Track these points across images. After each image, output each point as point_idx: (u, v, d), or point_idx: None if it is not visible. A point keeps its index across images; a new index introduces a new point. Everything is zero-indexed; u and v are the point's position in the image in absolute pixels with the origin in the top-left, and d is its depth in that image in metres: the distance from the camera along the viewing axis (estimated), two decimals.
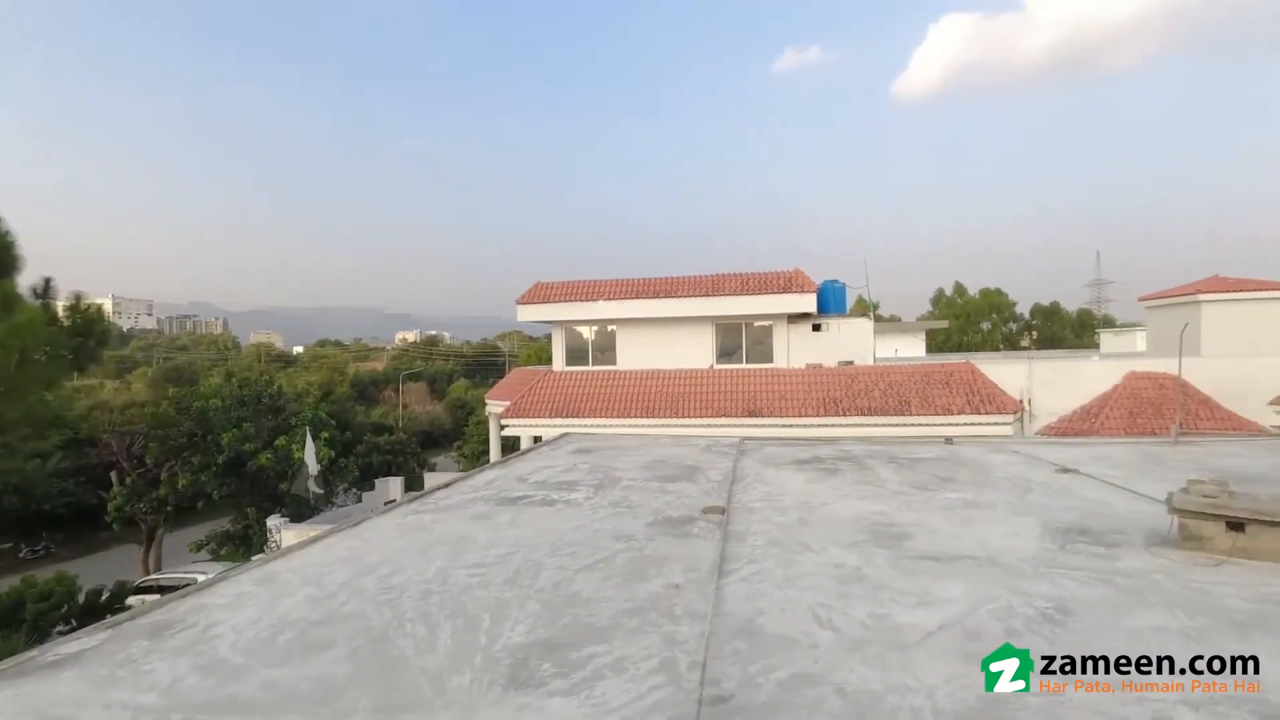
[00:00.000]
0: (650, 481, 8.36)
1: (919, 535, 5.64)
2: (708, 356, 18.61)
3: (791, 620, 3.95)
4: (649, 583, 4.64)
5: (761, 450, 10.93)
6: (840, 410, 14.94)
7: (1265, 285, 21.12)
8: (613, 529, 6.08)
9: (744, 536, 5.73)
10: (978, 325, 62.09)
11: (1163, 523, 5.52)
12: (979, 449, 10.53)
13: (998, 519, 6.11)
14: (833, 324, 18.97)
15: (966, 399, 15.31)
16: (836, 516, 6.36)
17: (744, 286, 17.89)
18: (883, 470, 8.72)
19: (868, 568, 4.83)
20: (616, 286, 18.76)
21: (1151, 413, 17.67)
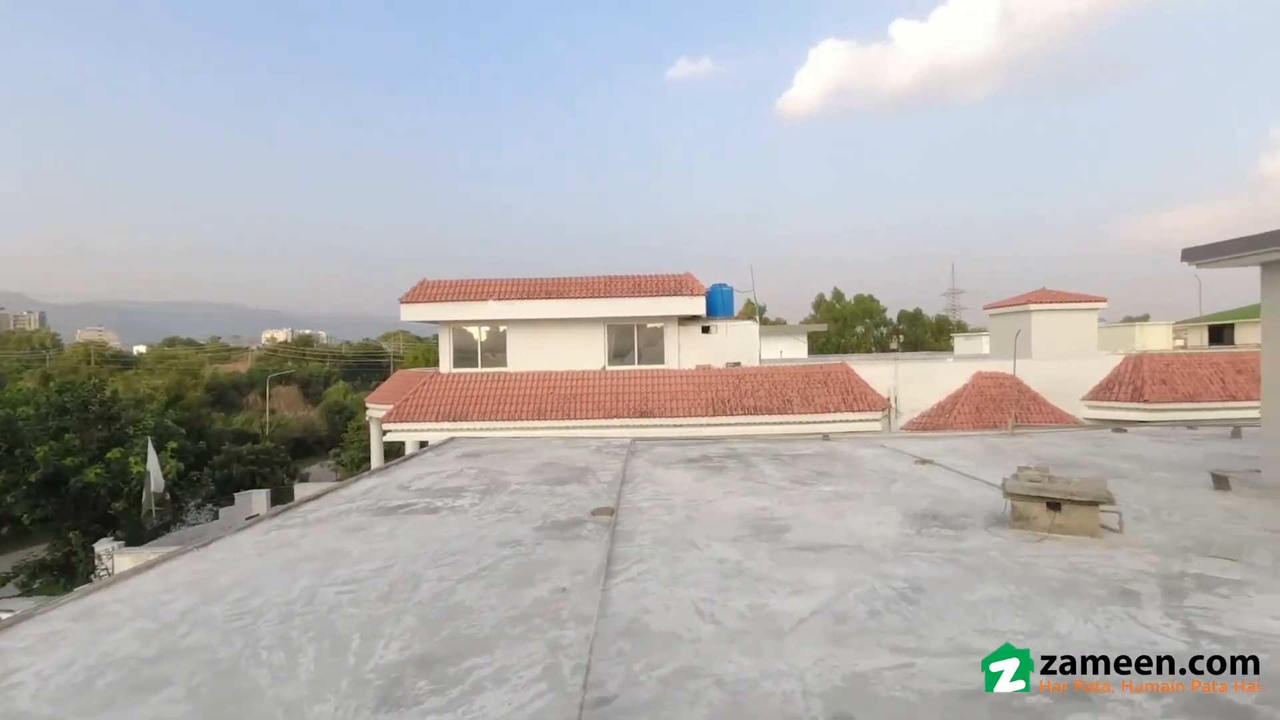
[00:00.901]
0: (540, 485, 8.22)
1: (797, 527, 5.96)
2: (600, 358, 18.67)
3: (676, 617, 4.03)
4: (535, 588, 4.54)
5: (652, 450, 11.10)
6: (728, 410, 15.57)
7: (1081, 298, 24.64)
8: (499, 535, 5.90)
9: (632, 536, 5.77)
10: (853, 328, 67.33)
11: (999, 505, 6.23)
12: (852, 444, 11.35)
13: (865, 509, 6.60)
14: (721, 326, 19.74)
15: (842, 398, 16.52)
16: (722, 513, 6.58)
17: (636, 289, 18.14)
18: (766, 467, 9.15)
19: (749, 561, 5.03)
20: (507, 286, 18.32)
21: (994, 408, 19.99)
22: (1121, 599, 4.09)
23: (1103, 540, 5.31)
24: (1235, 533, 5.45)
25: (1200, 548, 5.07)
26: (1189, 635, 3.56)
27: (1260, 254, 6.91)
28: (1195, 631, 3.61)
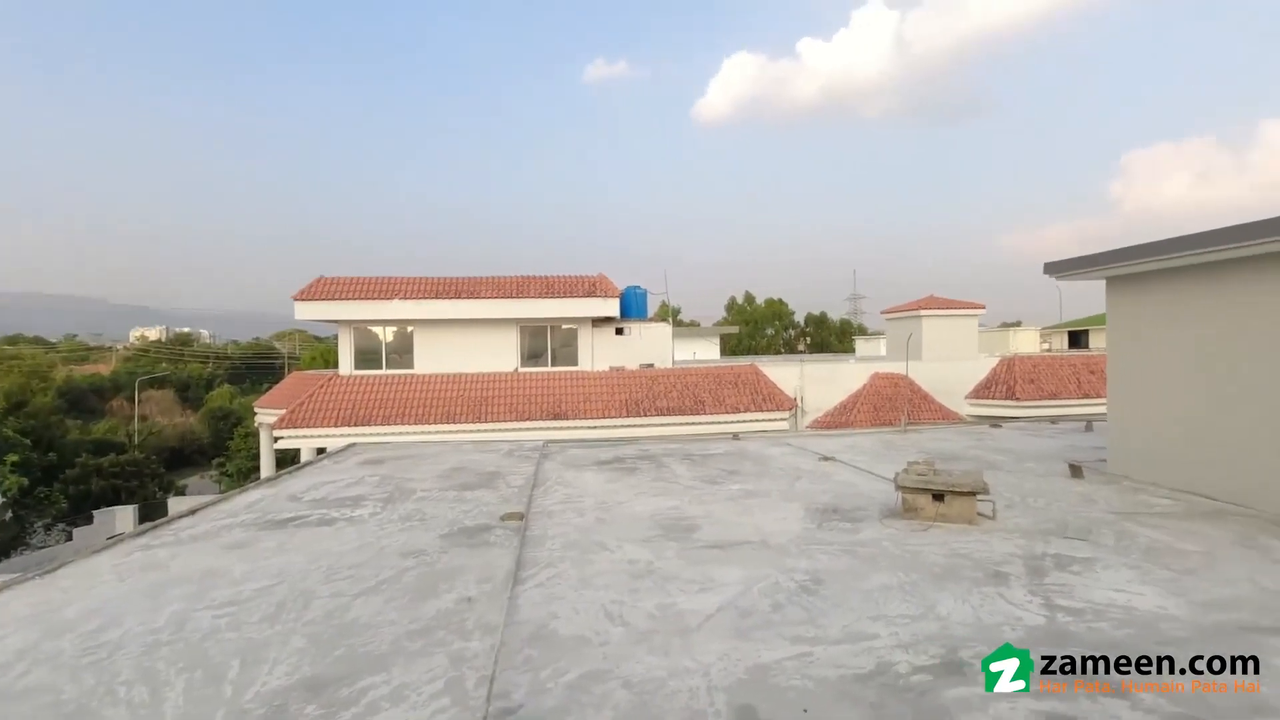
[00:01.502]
0: (447, 490, 7.92)
1: (706, 526, 6.08)
2: (512, 359, 18.29)
3: (585, 620, 3.99)
4: (439, 599, 4.35)
5: (565, 453, 11.00)
6: (642, 411, 15.71)
7: (964, 305, 26.91)
8: (402, 545, 5.62)
9: (543, 541, 5.67)
10: (764, 331, 69.93)
11: (893, 498, 6.65)
12: (761, 443, 11.75)
13: (772, 505, 6.84)
14: (635, 328, 19.88)
15: (751, 398, 17.10)
16: (633, 514, 6.60)
17: (549, 290, 17.91)
18: (678, 467, 9.30)
19: (659, 561, 5.08)
20: (414, 285, 17.53)
21: (889, 406, 21.39)
22: (994, 580, 4.46)
23: (979, 527, 5.79)
24: (1086, 515, 6.11)
25: (1058, 530, 5.64)
26: (1048, 610, 3.94)
27: (1103, 270, 7.82)
28: (1053, 606, 4.00)
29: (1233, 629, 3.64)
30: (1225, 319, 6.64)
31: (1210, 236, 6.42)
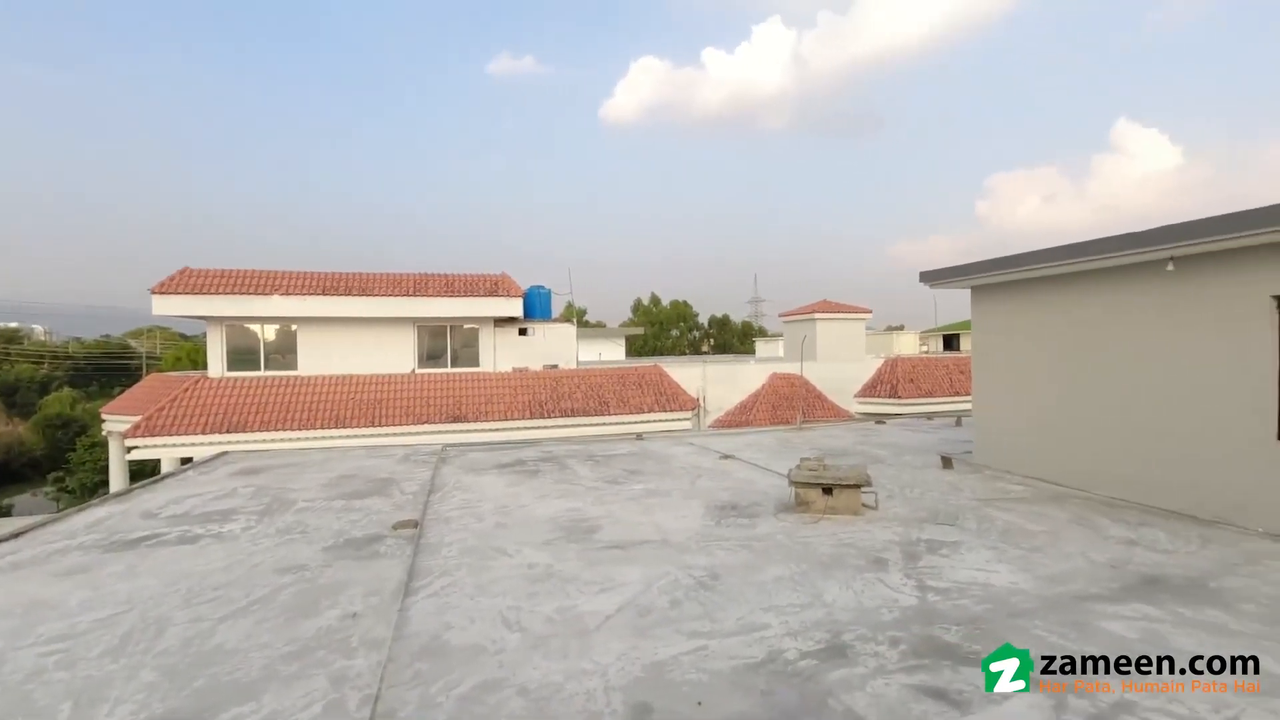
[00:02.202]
0: (334, 500, 7.40)
1: (608, 526, 6.07)
2: (409, 360, 17.44)
3: (480, 629, 3.85)
4: (320, 617, 4.04)
5: (464, 456, 10.62)
6: (545, 412, 15.48)
7: (853, 309, 28.85)
8: (278, 560, 5.17)
9: (438, 549, 5.43)
10: (669, 332, 71.35)
11: (787, 493, 6.96)
12: (664, 442, 11.93)
13: (673, 504, 6.95)
14: (539, 328, 19.58)
15: (655, 398, 17.35)
16: (534, 517, 6.47)
17: (449, 288, 17.23)
18: (581, 468, 9.24)
19: (559, 564, 5.00)
20: (298, 280, 16.18)
21: (786, 405, 22.46)
22: (875, 566, 4.78)
23: (864, 517, 6.18)
24: (954, 503, 6.70)
25: (931, 517, 6.13)
26: (920, 591, 4.27)
27: (967, 280, 8.63)
28: (924, 587, 4.33)
29: (1069, 599, 4.11)
30: (1063, 326, 7.51)
31: (1051, 253, 7.25)
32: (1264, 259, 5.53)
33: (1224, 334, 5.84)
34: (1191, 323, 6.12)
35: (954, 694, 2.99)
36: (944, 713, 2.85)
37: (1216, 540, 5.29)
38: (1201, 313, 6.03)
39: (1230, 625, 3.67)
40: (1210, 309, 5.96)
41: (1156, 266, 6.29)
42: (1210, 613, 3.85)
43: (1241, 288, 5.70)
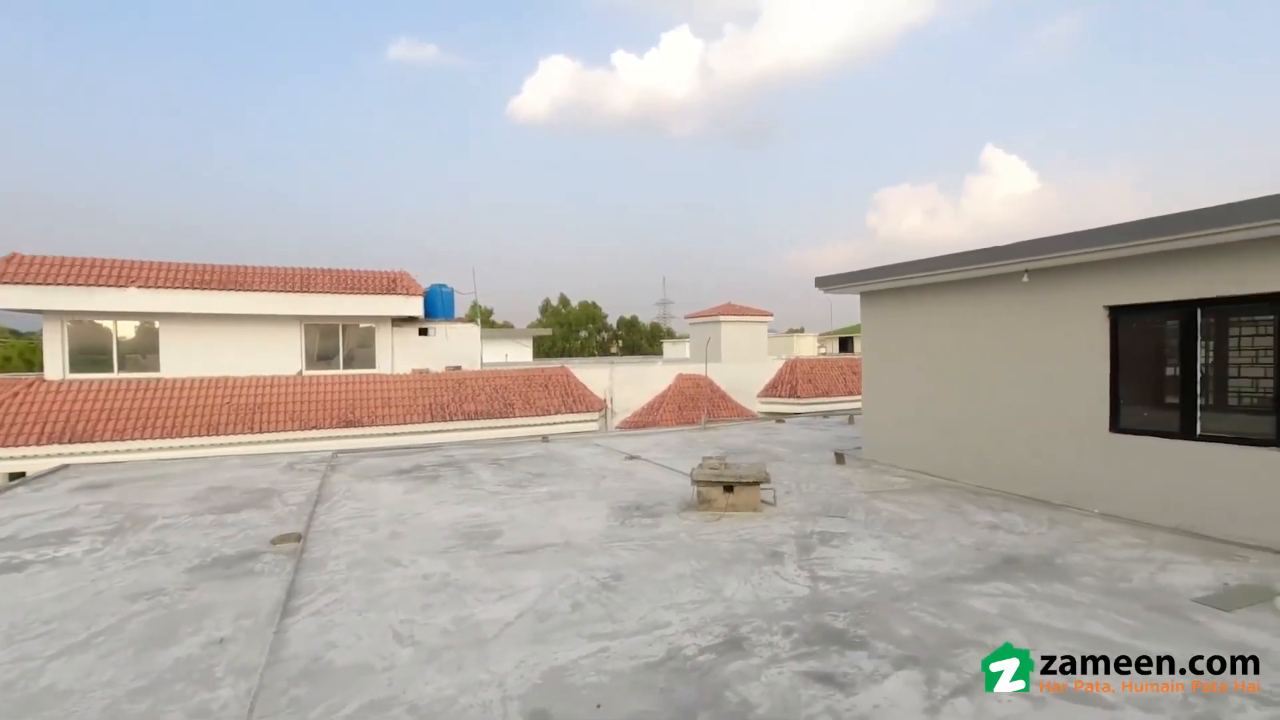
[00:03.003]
0: (202, 515, 6.71)
1: (509, 531, 5.91)
2: (295, 361, 16.15)
3: (369, 645, 3.61)
4: (179, 646, 3.63)
5: (358, 463, 10.00)
6: (447, 415, 14.89)
7: (757, 312, 30.06)
8: (129, 586, 4.61)
9: (323, 563, 5.05)
10: (577, 333, 71.05)
11: (690, 492, 7.09)
12: (569, 444, 11.82)
13: (577, 506, 6.88)
14: (441, 329, 18.78)
15: (562, 400, 17.17)
16: (433, 524, 6.19)
17: (341, 284, 16.11)
18: (483, 472, 8.95)
19: (456, 572, 4.80)
20: (161, 271, 14.44)
21: (692, 405, 22.97)
22: (772, 560, 4.95)
23: (763, 513, 6.41)
24: (845, 496, 7.10)
25: (824, 511, 6.46)
26: (812, 581, 4.47)
27: (856, 286, 9.21)
28: (816, 577, 4.55)
29: (941, 581, 4.46)
30: (937, 330, 8.18)
31: (926, 263, 7.88)
32: (1099, 273, 6.29)
33: (1068, 339, 6.59)
34: (1042, 328, 6.85)
35: (840, 677, 3.14)
36: (830, 695, 2.98)
37: (1062, 522, 5.94)
38: (1050, 319, 6.77)
39: (1073, 596, 4.13)
40: (1057, 316, 6.70)
41: (1014, 278, 6.99)
42: (1057, 586, 4.31)
43: (1081, 298, 6.45)
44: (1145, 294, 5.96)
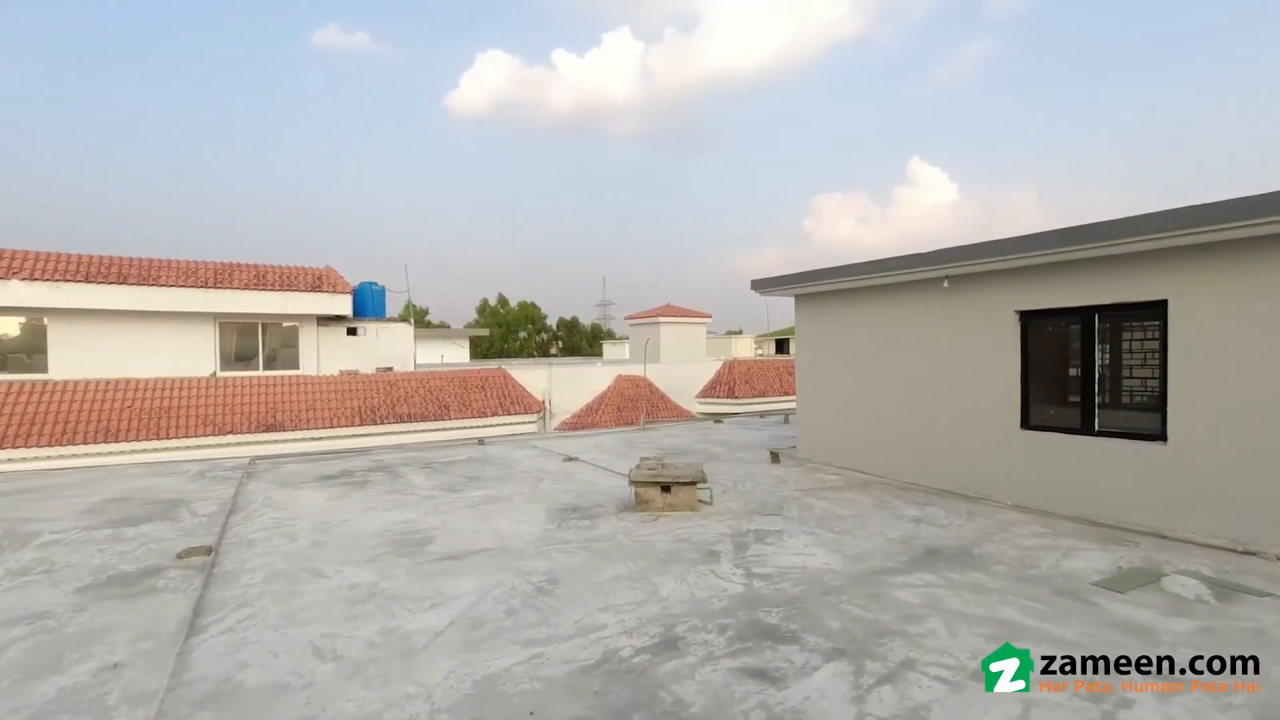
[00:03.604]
0: (96, 529, 6.15)
1: (442, 537, 5.72)
2: (209, 362, 15.07)
3: (285, 663, 3.39)
4: (64, 674, 3.30)
5: (279, 469, 9.45)
6: (378, 418, 14.27)
7: (696, 314, 30.46)
8: (4, 611, 4.16)
9: (236, 577, 4.72)
10: (516, 334, 69.96)
11: (628, 493, 7.07)
12: (506, 447, 11.59)
13: (514, 509, 6.74)
14: (371, 328, 18.00)
15: (499, 401, 16.82)
16: (360, 532, 5.91)
17: (261, 280, 15.15)
18: (416, 477, 8.65)
19: (384, 581, 4.59)
20: (49, 262, 13.10)
21: (632, 406, 23.02)
22: (708, 559, 5.00)
23: (700, 512, 6.47)
24: (780, 494, 7.26)
25: (759, 509, 6.59)
26: (747, 579, 4.54)
27: (790, 288, 9.47)
28: (751, 574, 4.62)
29: (869, 574, 4.62)
30: (867, 332, 8.51)
31: (854, 268, 8.19)
32: (1010, 280, 6.70)
33: (984, 341, 6.98)
34: (961, 331, 7.24)
35: (773, 672, 3.19)
36: (763, 690, 3.02)
37: (979, 514, 6.28)
38: (968, 323, 7.16)
39: (987, 584, 4.36)
40: (974, 320, 7.09)
41: (936, 283, 7.36)
42: (974, 575, 4.54)
43: (995, 303, 6.86)
44: (1050, 300, 6.39)
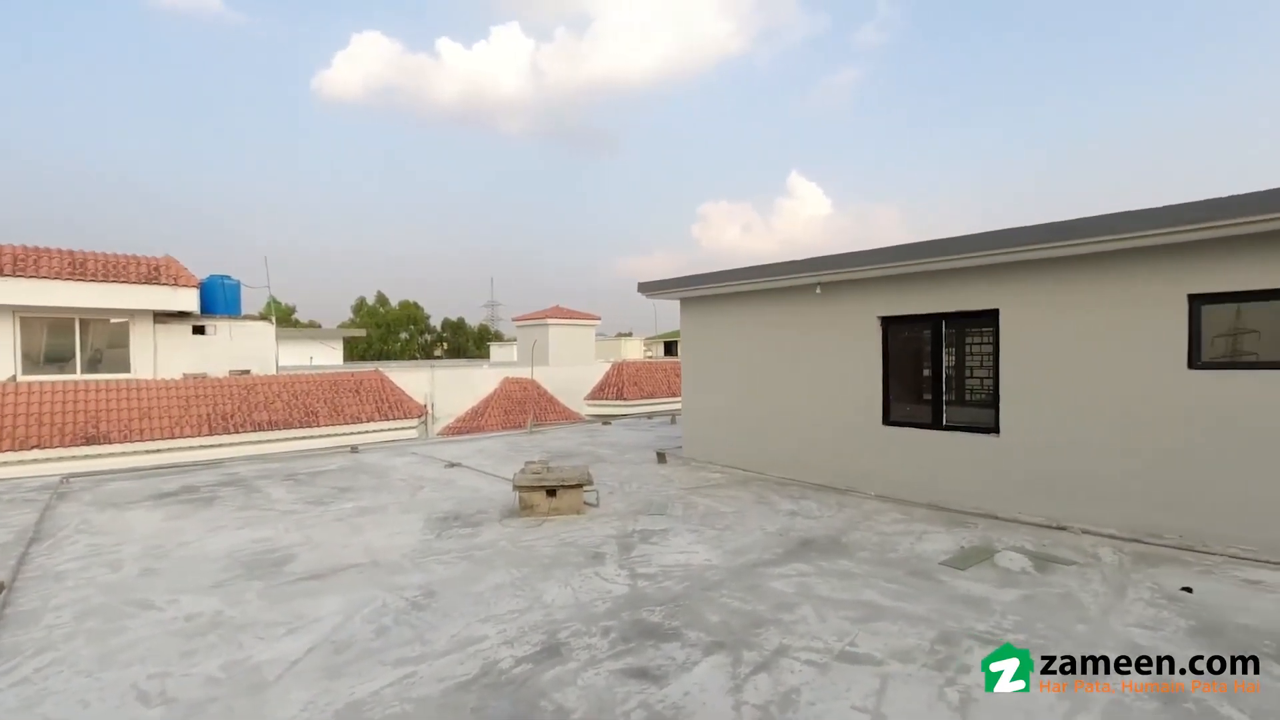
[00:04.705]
0: None
1: (304, 554, 5.22)
2: (5, 364, 12.74)
3: (100, 712, 2.92)
4: None
5: (100, 488, 8.20)
6: (232, 427, 12.78)
7: (585, 316, 30.39)
8: None
9: (37, 617, 4.01)
10: (397, 335, 66.12)
11: (512, 498, 6.86)
12: (383, 454, 10.87)
13: (389, 520, 6.31)
14: (223, 327, 16.03)
15: (376, 406, 15.77)
16: (204, 554, 5.26)
17: (77, 269, 12.96)
18: (276, 490, 7.86)
19: (232, 609, 4.11)
20: None
21: (519, 409, 22.50)
22: (593, 562, 4.95)
23: (586, 515, 6.41)
24: (665, 493, 7.38)
25: (645, 509, 6.65)
26: (631, 579, 4.55)
27: (675, 292, 9.71)
28: (636, 575, 4.63)
29: (748, 567, 4.80)
30: (746, 335, 8.90)
31: (734, 273, 8.54)
32: (873, 288, 7.28)
33: (851, 344, 7.53)
34: (832, 335, 7.76)
35: (654, 670, 3.21)
36: (645, 690, 3.02)
37: (848, 505, 6.75)
38: (838, 327, 7.69)
39: (853, 570, 4.68)
40: (843, 324, 7.63)
41: (809, 289, 7.84)
42: (841, 562, 4.86)
43: (860, 309, 7.43)
44: (906, 307, 7.03)
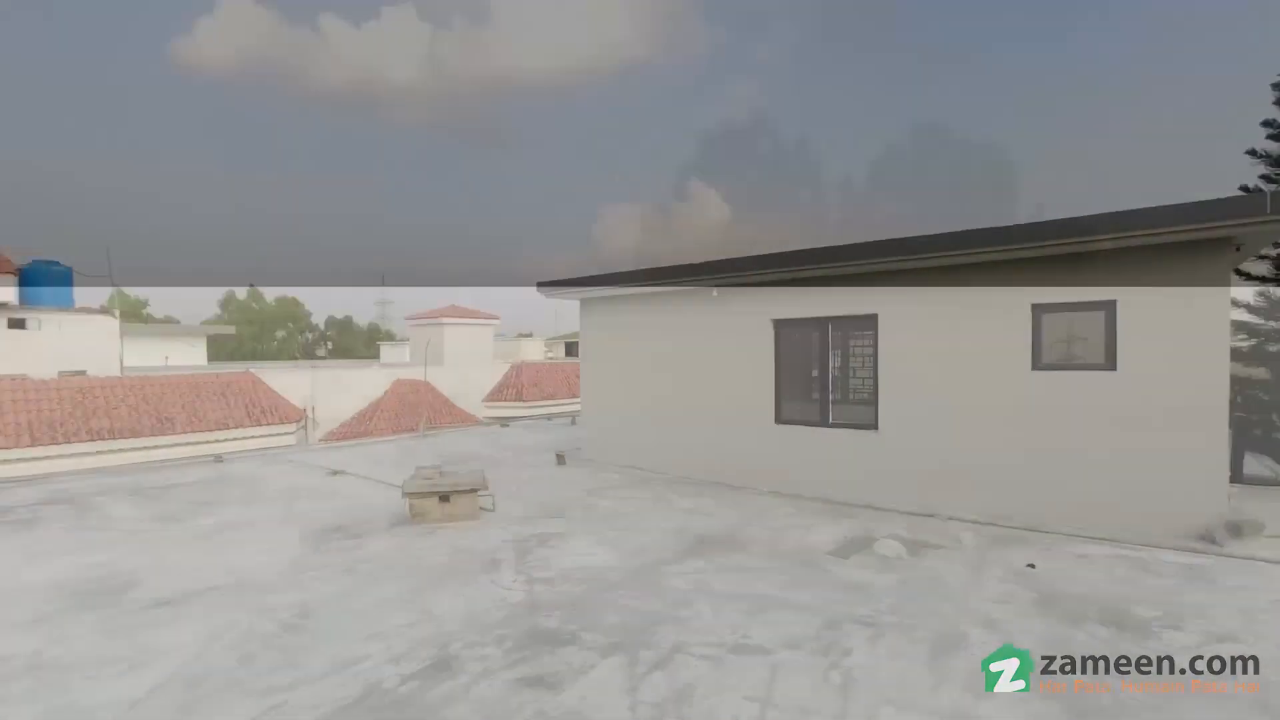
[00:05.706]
0: None
1: (152, 579, 4.62)
2: None
3: None
4: None
5: None
6: (63, 436, 11.05)
7: (482, 315, 29.41)
8: None
9: None
10: (274, 333, 60.74)
11: (402, 506, 6.47)
12: (254, 463, 9.92)
13: (258, 536, 5.74)
14: (51, 320, 13.85)
15: (246, 411, 14.34)
16: (19, 586, 4.52)
17: None
18: (118, 507, 6.92)
19: (56, 647, 3.54)
20: None
21: (411, 412, 21.37)
22: (489, 569, 4.77)
23: (482, 521, 6.18)
24: (565, 496, 7.27)
25: (543, 512, 6.51)
26: (528, 585, 4.42)
27: (574, 292, 9.63)
28: (533, 580, 4.51)
29: (647, 566, 4.81)
30: (645, 336, 8.99)
31: (632, 275, 8.60)
32: (767, 292, 7.59)
33: (746, 345, 7.80)
34: (727, 336, 8.00)
35: (550, 677, 3.12)
36: (540, 698, 2.93)
37: (743, 502, 6.97)
38: (733, 329, 7.94)
39: (747, 564, 4.83)
40: (738, 326, 7.89)
41: (706, 293, 8.04)
42: (736, 557, 5.00)
43: (755, 312, 7.71)
44: (796, 310, 7.38)
